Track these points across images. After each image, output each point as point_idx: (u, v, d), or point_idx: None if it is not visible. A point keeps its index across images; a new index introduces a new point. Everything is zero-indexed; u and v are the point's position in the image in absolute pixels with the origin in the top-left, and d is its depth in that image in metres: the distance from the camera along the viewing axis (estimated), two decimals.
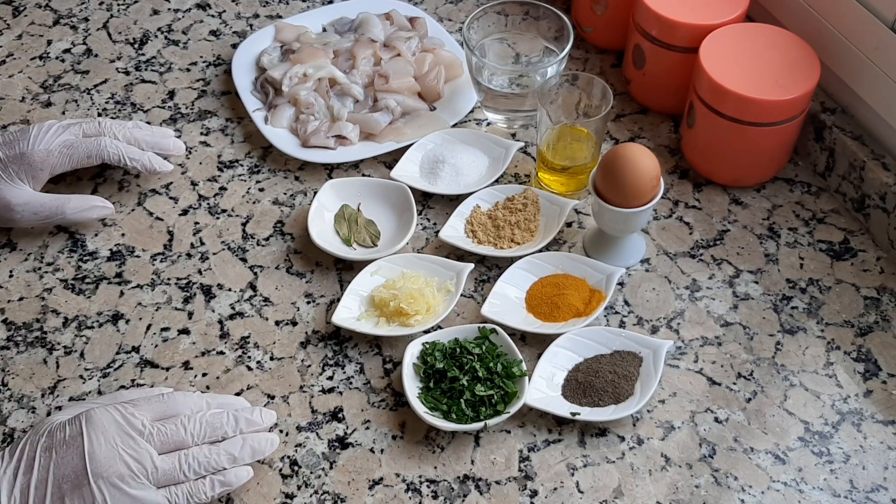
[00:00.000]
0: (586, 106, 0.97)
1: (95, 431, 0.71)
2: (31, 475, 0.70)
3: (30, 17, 1.19)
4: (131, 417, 0.73)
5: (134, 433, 0.72)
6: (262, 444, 0.77)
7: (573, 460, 0.80)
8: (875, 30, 0.90)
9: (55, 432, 0.72)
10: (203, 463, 0.73)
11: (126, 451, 0.71)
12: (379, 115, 1.03)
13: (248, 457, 0.76)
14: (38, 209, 0.93)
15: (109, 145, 0.95)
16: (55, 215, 0.93)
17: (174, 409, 0.76)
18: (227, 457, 0.75)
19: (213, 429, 0.75)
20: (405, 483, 0.79)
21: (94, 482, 0.70)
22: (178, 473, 0.73)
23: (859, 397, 0.83)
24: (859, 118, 0.96)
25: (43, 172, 0.93)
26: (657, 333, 0.88)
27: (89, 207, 0.95)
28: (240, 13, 1.20)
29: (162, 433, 0.73)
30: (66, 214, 0.94)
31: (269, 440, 0.78)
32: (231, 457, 0.75)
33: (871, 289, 0.91)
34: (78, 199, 0.94)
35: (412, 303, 0.86)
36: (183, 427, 0.74)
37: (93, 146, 0.94)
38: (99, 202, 0.95)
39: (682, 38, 0.97)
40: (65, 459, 0.70)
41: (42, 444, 0.71)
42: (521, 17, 1.05)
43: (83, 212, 0.94)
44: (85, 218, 0.95)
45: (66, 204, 0.94)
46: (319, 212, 0.95)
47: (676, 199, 0.99)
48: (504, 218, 0.94)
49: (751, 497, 0.78)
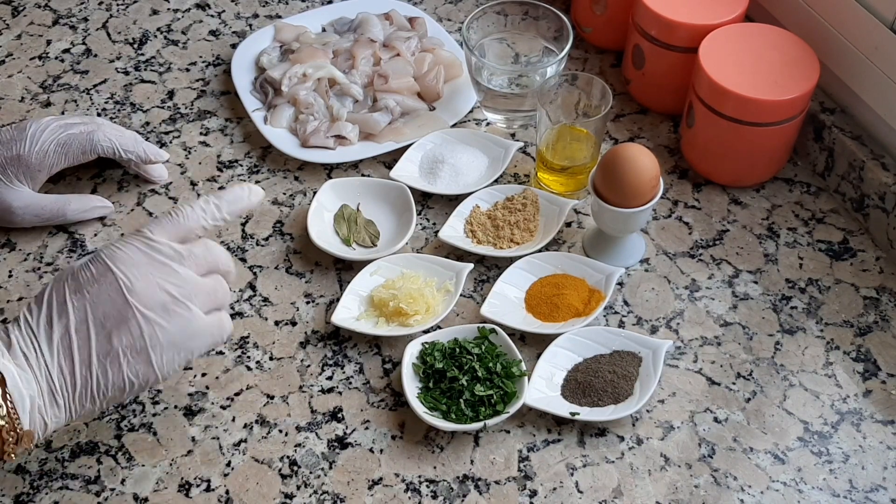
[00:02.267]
0: (586, 106, 0.97)
1: (125, 265, 0.68)
2: (68, 319, 0.67)
3: (29, 16, 1.19)
4: (156, 244, 0.70)
5: (166, 259, 0.69)
6: None
7: (572, 460, 0.80)
8: (875, 30, 0.90)
9: (78, 274, 0.69)
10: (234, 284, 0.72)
11: (165, 279, 0.69)
12: (378, 115, 1.03)
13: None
14: (40, 211, 0.93)
15: (102, 139, 0.94)
16: (56, 217, 0.94)
17: (188, 225, 0.72)
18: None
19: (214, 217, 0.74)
20: (404, 483, 0.79)
21: (140, 314, 0.67)
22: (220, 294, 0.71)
23: (859, 397, 0.83)
24: (859, 118, 0.96)
25: (41, 173, 0.93)
26: (656, 333, 0.88)
27: (90, 208, 0.96)
28: (239, 13, 1.20)
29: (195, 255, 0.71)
30: (66, 215, 0.94)
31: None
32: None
33: (870, 289, 0.91)
34: (78, 200, 0.95)
35: (412, 303, 0.86)
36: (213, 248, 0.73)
37: (86, 141, 0.94)
38: (99, 202, 0.96)
39: (682, 38, 0.97)
40: (101, 297, 0.67)
41: (69, 287, 0.68)
42: (521, 17, 1.05)
43: (84, 212, 0.95)
44: (85, 217, 0.96)
45: (67, 205, 0.94)
46: (319, 212, 0.95)
47: (676, 199, 0.99)
48: (503, 218, 0.94)
49: (750, 497, 0.78)
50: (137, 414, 0.83)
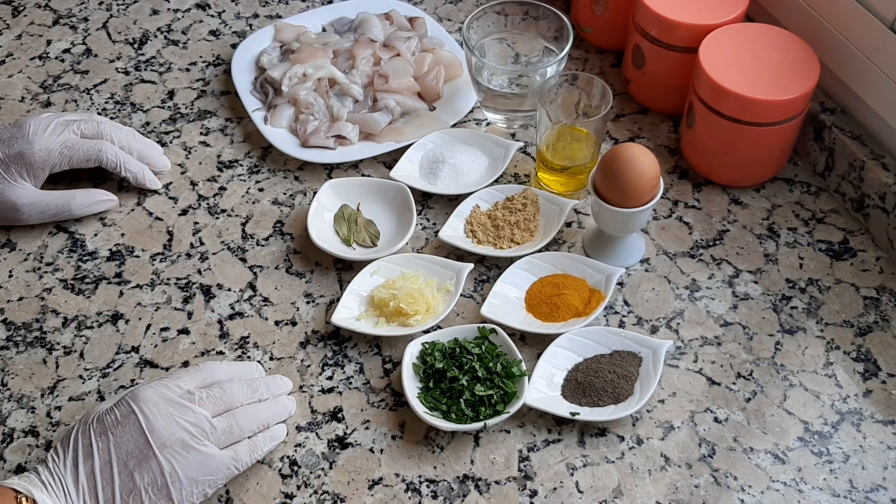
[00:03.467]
0: (586, 106, 0.97)
1: (147, 406, 0.73)
2: (93, 460, 0.71)
3: (29, 16, 1.19)
4: (177, 388, 0.75)
5: (185, 401, 0.74)
6: (290, 404, 0.82)
7: (573, 460, 0.80)
8: (875, 30, 0.90)
9: (104, 417, 0.73)
10: (255, 419, 0.77)
11: (183, 418, 0.73)
12: (378, 114, 1.03)
13: (284, 413, 0.81)
14: (45, 208, 0.94)
15: (109, 152, 0.96)
16: (62, 212, 0.95)
17: (212, 375, 0.78)
18: (271, 413, 0.79)
19: (252, 390, 0.79)
20: (405, 483, 0.79)
21: (160, 452, 0.71)
22: (235, 430, 0.75)
23: (859, 397, 0.83)
24: (859, 118, 0.96)
25: (43, 171, 0.94)
26: (657, 333, 0.88)
27: (95, 202, 0.96)
28: (239, 13, 1.20)
29: (212, 396, 0.76)
30: (72, 210, 0.95)
31: (292, 401, 0.83)
32: (274, 413, 0.79)
33: (870, 289, 0.91)
34: (83, 195, 0.96)
35: (412, 303, 0.86)
36: (229, 390, 0.77)
37: (92, 150, 0.95)
38: (103, 196, 0.97)
39: (682, 38, 0.97)
40: (123, 438, 0.71)
41: (95, 430, 0.72)
42: (521, 17, 1.05)
43: (89, 206, 0.96)
44: (91, 212, 0.96)
45: (72, 200, 0.95)
46: (319, 212, 0.95)
47: (676, 199, 0.99)
48: (504, 218, 0.94)
49: (750, 497, 0.78)
50: None
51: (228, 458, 0.74)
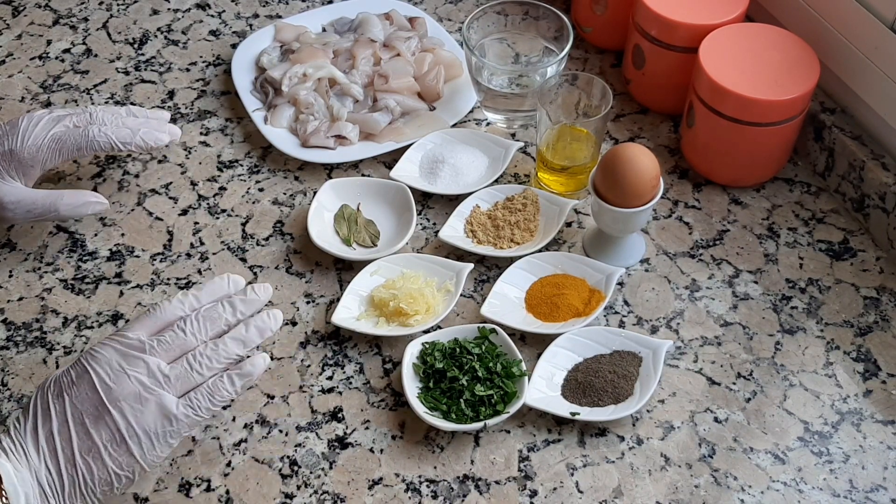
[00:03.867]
0: (586, 106, 0.97)
1: (99, 364, 0.71)
2: (51, 422, 0.70)
3: (29, 16, 1.19)
4: (128, 340, 0.72)
5: (136, 352, 0.72)
6: (266, 321, 0.76)
7: (573, 460, 0.80)
8: (875, 30, 0.90)
9: (61, 379, 0.71)
10: (213, 357, 0.73)
11: (134, 370, 0.71)
12: (378, 115, 1.03)
13: (257, 337, 0.75)
14: (31, 206, 0.90)
15: (97, 134, 0.92)
16: (49, 212, 0.91)
17: (165, 318, 0.74)
18: (235, 343, 0.74)
19: (212, 322, 0.74)
20: (405, 483, 0.79)
21: (113, 408, 0.70)
22: (193, 375, 0.72)
23: (859, 397, 0.83)
24: (859, 118, 0.96)
25: (34, 169, 0.91)
26: (657, 333, 0.88)
27: (83, 203, 0.92)
28: (239, 13, 1.20)
29: (163, 342, 0.72)
30: (59, 211, 0.91)
31: (273, 315, 0.76)
32: (239, 342, 0.74)
33: (870, 289, 0.91)
34: (71, 195, 0.92)
35: (412, 303, 0.86)
36: (181, 330, 0.73)
37: (81, 137, 0.92)
38: (92, 197, 0.93)
39: (682, 38, 0.97)
40: (78, 398, 0.70)
41: (52, 393, 0.71)
42: (521, 17, 1.05)
43: (77, 207, 0.92)
44: (79, 214, 0.92)
45: (60, 200, 0.91)
46: (319, 212, 0.95)
47: (676, 199, 0.99)
48: (504, 218, 0.94)
49: (750, 497, 0.78)
50: None
51: (184, 406, 0.71)
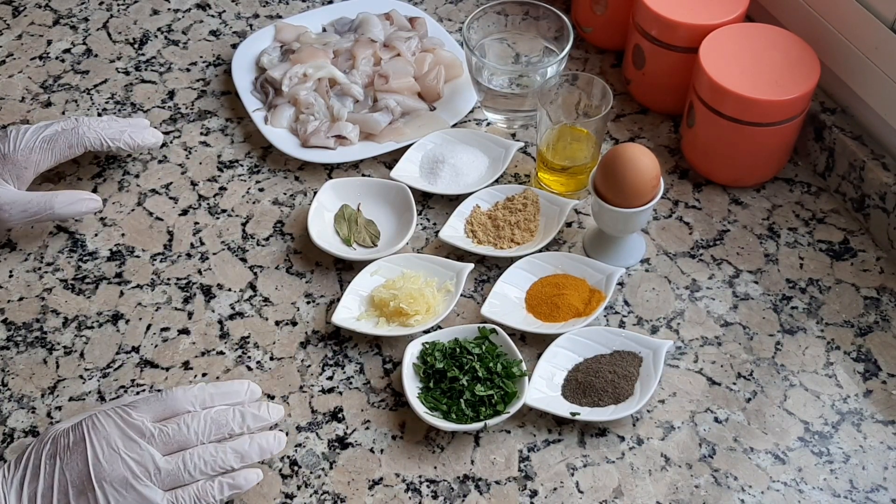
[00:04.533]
0: (586, 106, 0.97)
1: (98, 436, 0.71)
2: (38, 483, 0.70)
3: (30, 17, 1.19)
4: (131, 420, 0.72)
5: (135, 435, 0.72)
6: (270, 442, 0.76)
7: (573, 460, 0.80)
8: (875, 30, 0.90)
9: (59, 439, 0.72)
10: (209, 462, 0.72)
11: (128, 454, 0.71)
12: (379, 115, 1.03)
13: (256, 455, 0.74)
14: (26, 206, 0.91)
15: (87, 132, 0.94)
16: (44, 211, 0.91)
17: (174, 406, 0.74)
18: (235, 455, 0.73)
19: (218, 426, 0.74)
20: (405, 483, 0.79)
21: (99, 487, 0.69)
22: (183, 474, 0.71)
23: (859, 397, 0.83)
24: (859, 118, 0.96)
25: (27, 171, 0.92)
26: (657, 333, 0.88)
27: (77, 201, 0.92)
28: (240, 13, 1.20)
29: (164, 434, 0.72)
30: (54, 210, 0.91)
31: (277, 438, 0.76)
32: (238, 455, 0.74)
33: (870, 289, 0.91)
34: (65, 195, 0.92)
35: (412, 303, 0.86)
36: (186, 426, 0.73)
37: (72, 136, 0.94)
38: (87, 196, 0.93)
39: (682, 38, 0.97)
40: (69, 465, 0.70)
41: (47, 452, 0.71)
42: (521, 17, 1.05)
43: (72, 205, 0.92)
44: (74, 212, 0.93)
45: (54, 199, 0.91)
46: (319, 212, 0.95)
47: (676, 199, 0.99)
48: (504, 218, 0.94)
49: (751, 497, 0.78)
50: None
51: (169, 503, 0.71)
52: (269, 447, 0.75)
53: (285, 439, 0.77)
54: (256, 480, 0.74)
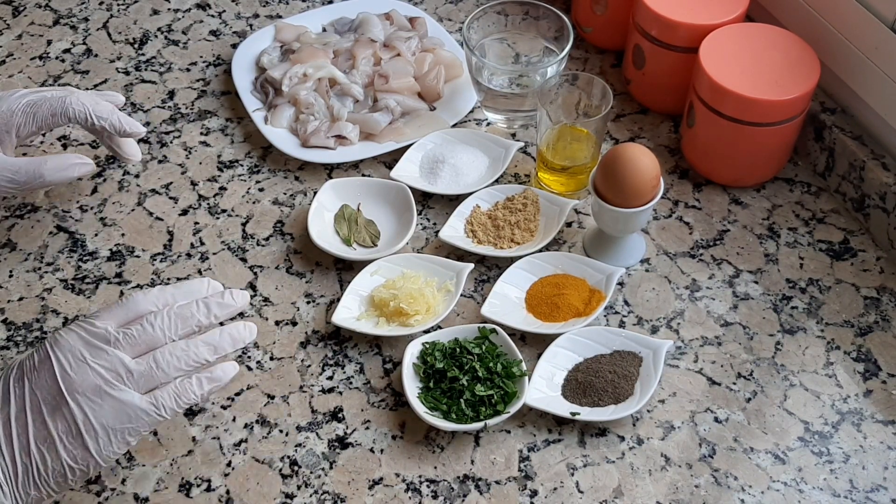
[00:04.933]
0: (586, 106, 0.97)
1: (62, 350, 0.69)
2: (10, 408, 0.68)
3: (30, 17, 1.19)
4: (94, 328, 0.70)
5: (100, 342, 0.69)
6: (241, 331, 0.74)
7: (573, 460, 0.80)
8: (875, 30, 0.90)
9: (24, 362, 0.69)
10: (181, 357, 0.70)
11: (96, 361, 0.68)
12: (379, 115, 1.03)
13: (229, 345, 0.72)
14: (14, 174, 0.87)
15: (75, 103, 0.89)
16: (34, 179, 0.88)
17: (136, 308, 0.72)
18: (206, 347, 0.71)
19: (183, 320, 0.72)
20: (405, 483, 0.79)
21: (71, 399, 0.67)
22: (157, 373, 0.69)
23: (859, 397, 0.83)
24: (859, 118, 0.96)
25: (8, 135, 0.88)
26: (657, 333, 0.88)
27: (68, 166, 0.89)
28: (240, 13, 1.20)
29: (129, 336, 0.70)
30: (44, 176, 0.88)
31: (248, 327, 0.74)
32: (210, 347, 0.72)
33: (870, 289, 0.91)
34: (55, 159, 0.89)
35: (412, 303, 0.86)
36: (150, 325, 0.71)
37: (57, 103, 0.89)
38: (77, 159, 0.90)
39: (682, 38, 0.97)
40: (38, 384, 0.68)
41: (14, 377, 0.69)
42: (521, 17, 1.05)
43: (62, 171, 0.89)
44: (65, 177, 0.89)
45: (43, 165, 0.88)
46: (319, 212, 0.95)
47: (676, 199, 0.99)
48: (504, 218, 0.94)
49: (751, 497, 0.78)
50: None
51: (147, 404, 0.69)
52: (241, 336, 0.73)
53: (256, 329, 0.75)
54: (234, 371, 0.73)
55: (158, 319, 0.71)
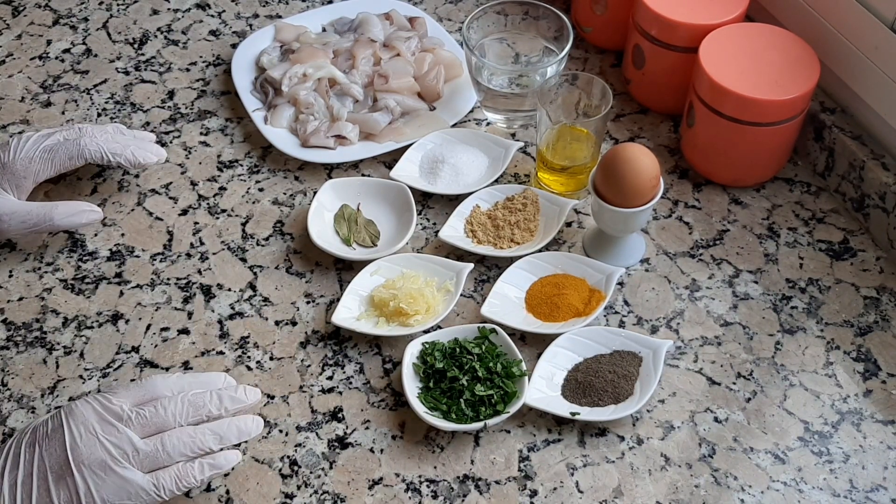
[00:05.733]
0: (586, 106, 0.97)
1: (75, 422, 0.71)
2: (18, 472, 0.70)
3: (29, 16, 1.19)
4: (109, 404, 0.72)
5: (112, 419, 0.72)
6: (248, 424, 0.76)
7: (573, 460, 0.80)
8: (875, 30, 0.90)
9: (38, 428, 0.72)
10: (187, 443, 0.73)
11: (106, 437, 0.71)
12: (378, 114, 1.03)
13: (235, 437, 0.75)
14: (25, 217, 0.90)
15: (90, 143, 0.94)
16: (43, 222, 0.91)
17: (153, 391, 0.75)
18: (213, 437, 0.74)
19: (195, 408, 0.74)
20: (405, 483, 0.79)
21: (77, 471, 0.70)
22: (162, 455, 0.72)
23: (859, 397, 0.83)
24: (859, 118, 0.96)
25: (27, 181, 0.92)
26: (657, 333, 0.88)
27: (77, 213, 0.92)
28: (239, 13, 1.20)
29: (142, 416, 0.72)
30: (54, 221, 0.91)
31: (255, 421, 0.77)
32: (216, 437, 0.74)
33: (870, 288, 0.91)
34: (65, 206, 0.92)
35: (412, 303, 0.86)
36: (163, 408, 0.73)
37: (73, 147, 0.93)
38: (87, 207, 0.93)
39: (682, 37, 0.97)
40: (48, 452, 0.70)
41: (26, 441, 0.71)
42: (521, 17, 1.05)
43: (71, 217, 0.92)
44: (74, 224, 0.92)
45: (54, 210, 0.91)
46: (319, 212, 0.95)
47: (676, 199, 0.99)
48: (504, 218, 0.94)
49: (750, 497, 0.78)
50: None
51: (148, 483, 0.71)
52: (248, 429, 0.76)
53: (262, 423, 0.77)
54: (236, 461, 0.75)
55: (172, 404, 0.74)
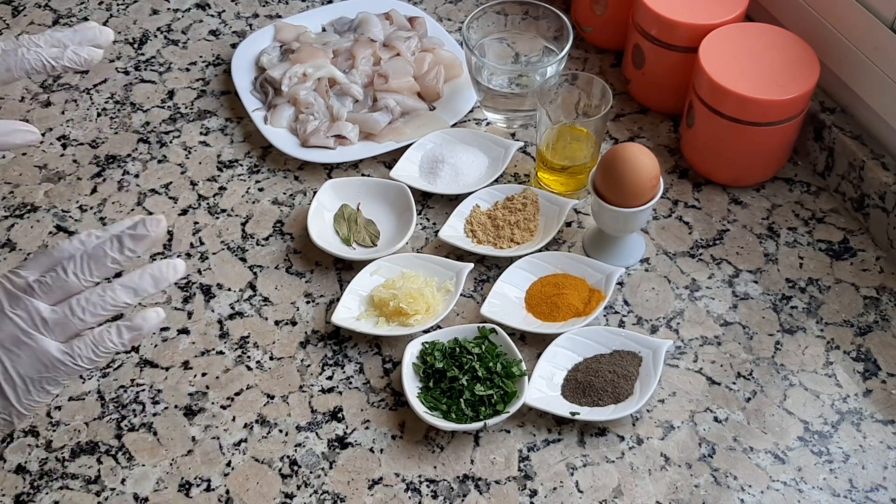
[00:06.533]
0: (586, 106, 0.97)
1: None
2: None
3: (29, 16, 1.19)
4: (16, 278, 0.67)
5: (20, 293, 0.66)
6: (163, 270, 0.66)
7: (573, 460, 0.80)
8: (875, 30, 0.90)
9: None
10: (97, 303, 0.66)
11: (13, 311, 0.65)
12: (378, 114, 1.03)
13: (150, 286, 0.66)
14: None
15: (28, 54, 0.82)
16: None
17: (61, 256, 0.68)
18: (124, 290, 0.66)
19: (96, 260, 0.67)
20: (405, 483, 0.79)
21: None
22: (73, 320, 0.66)
23: (859, 397, 0.83)
24: (859, 118, 0.96)
25: None
26: (657, 333, 0.88)
27: (12, 132, 0.81)
28: (239, 13, 1.20)
29: (44, 284, 0.66)
30: None
31: (171, 264, 0.66)
32: (128, 290, 0.67)
33: (870, 288, 0.91)
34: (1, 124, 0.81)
35: (412, 302, 0.86)
36: (63, 269, 0.66)
37: (11, 58, 0.82)
38: (22, 126, 0.82)
39: (682, 37, 0.97)
40: None
41: None
42: (521, 17, 1.05)
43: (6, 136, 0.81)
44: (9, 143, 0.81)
45: None
46: (319, 212, 0.95)
47: (676, 199, 0.99)
48: (504, 218, 0.94)
49: (750, 497, 0.78)
50: (138, 414, 0.83)
51: (63, 353, 0.66)
52: (164, 275, 0.66)
53: (184, 266, 0.68)
54: (156, 319, 0.67)
55: (71, 264, 0.67)
